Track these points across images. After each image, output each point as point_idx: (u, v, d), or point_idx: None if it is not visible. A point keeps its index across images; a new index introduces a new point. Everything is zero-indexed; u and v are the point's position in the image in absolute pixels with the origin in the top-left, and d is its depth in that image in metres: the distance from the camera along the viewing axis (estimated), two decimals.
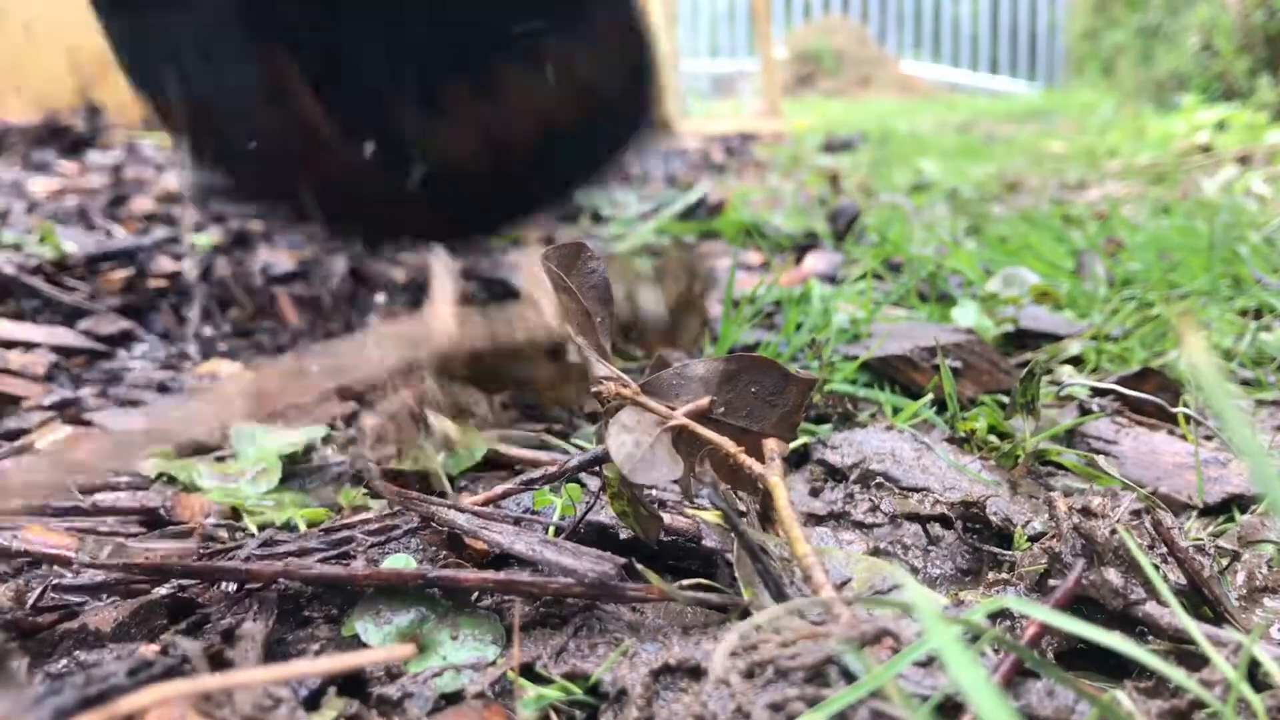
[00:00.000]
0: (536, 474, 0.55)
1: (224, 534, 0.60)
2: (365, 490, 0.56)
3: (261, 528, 0.61)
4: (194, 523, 0.60)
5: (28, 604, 0.47)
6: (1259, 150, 2.41)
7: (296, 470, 0.71)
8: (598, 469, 0.53)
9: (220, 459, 0.69)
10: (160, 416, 0.42)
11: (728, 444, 0.49)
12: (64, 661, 0.42)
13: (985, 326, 1.00)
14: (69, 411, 0.79)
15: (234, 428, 0.74)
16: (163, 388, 0.87)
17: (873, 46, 8.22)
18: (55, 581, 0.48)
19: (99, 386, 0.86)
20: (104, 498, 0.63)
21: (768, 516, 0.54)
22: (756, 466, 0.48)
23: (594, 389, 0.51)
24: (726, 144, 3.95)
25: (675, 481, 0.50)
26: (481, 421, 0.60)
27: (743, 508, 0.55)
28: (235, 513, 0.63)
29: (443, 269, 0.68)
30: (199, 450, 0.70)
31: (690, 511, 0.57)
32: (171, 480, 0.66)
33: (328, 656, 0.44)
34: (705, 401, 0.51)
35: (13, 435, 0.75)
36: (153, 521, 0.61)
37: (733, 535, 0.50)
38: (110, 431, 0.41)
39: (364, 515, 0.57)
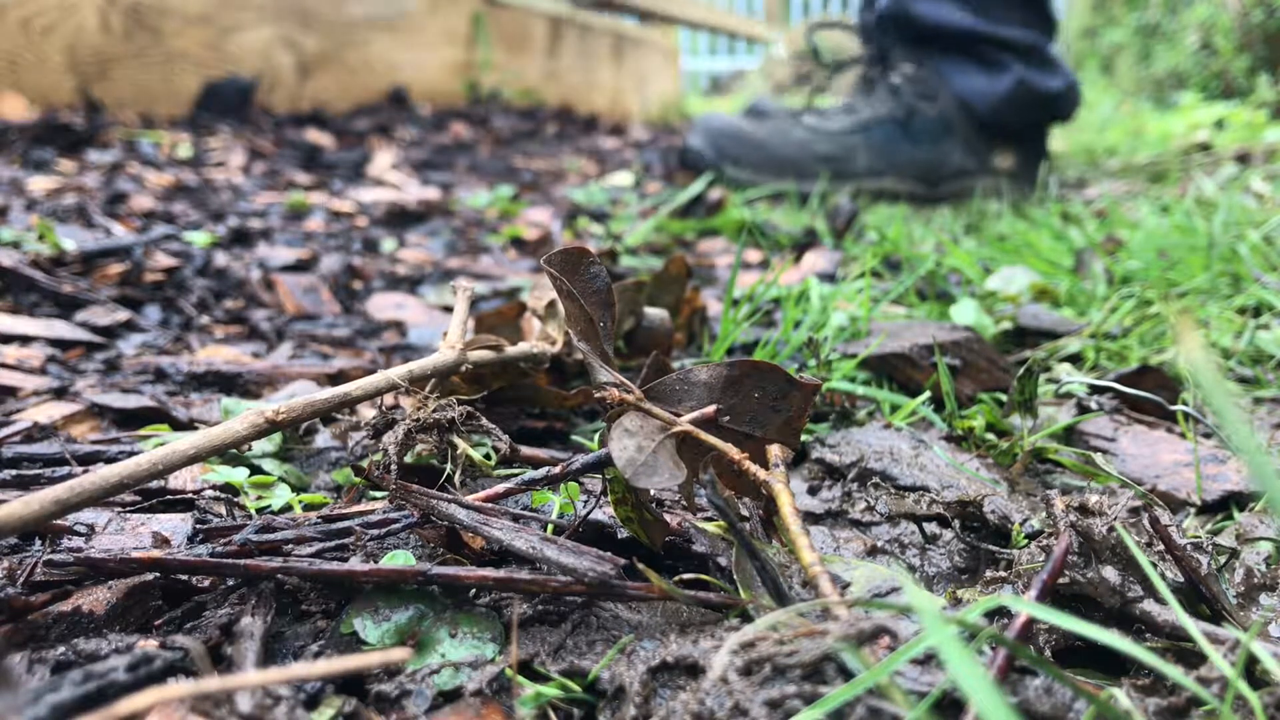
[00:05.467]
0: (538, 474, 0.55)
1: (221, 509, 0.60)
2: (364, 481, 0.56)
3: (259, 511, 0.61)
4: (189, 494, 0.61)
5: (19, 581, 0.47)
6: (1258, 148, 2.41)
7: (294, 453, 0.71)
8: (600, 472, 0.53)
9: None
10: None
11: (731, 450, 0.49)
12: (61, 649, 0.42)
13: (984, 324, 1.00)
14: (65, 397, 0.79)
15: (224, 402, 0.74)
16: (160, 373, 0.87)
17: None
18: (48, 557, 0.48)
19: (96, 376, 0.86)
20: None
21: (771, 522, 0.54)
22: (760, 472, 0.48)
23: (597, 394, 0.51)
24: None
25: (678, 488, 0.50)
26: (495, 450, 0.61)
27: (745, 513, 0.55)
28: (232, 485, 0.63)
29: (463, 294, 0.69)
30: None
31: (687, 517, 0.57)
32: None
33: (326, 660, 0.44)
34: (711, 410, 0.51)
35: (7, 414, 0.75)
36: (147, 491, 0.61)
37: (729, 538, 0.50)
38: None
39: (363, 508, 0.57)
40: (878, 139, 2.15)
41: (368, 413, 0.80)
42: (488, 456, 0.67)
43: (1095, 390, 0.81)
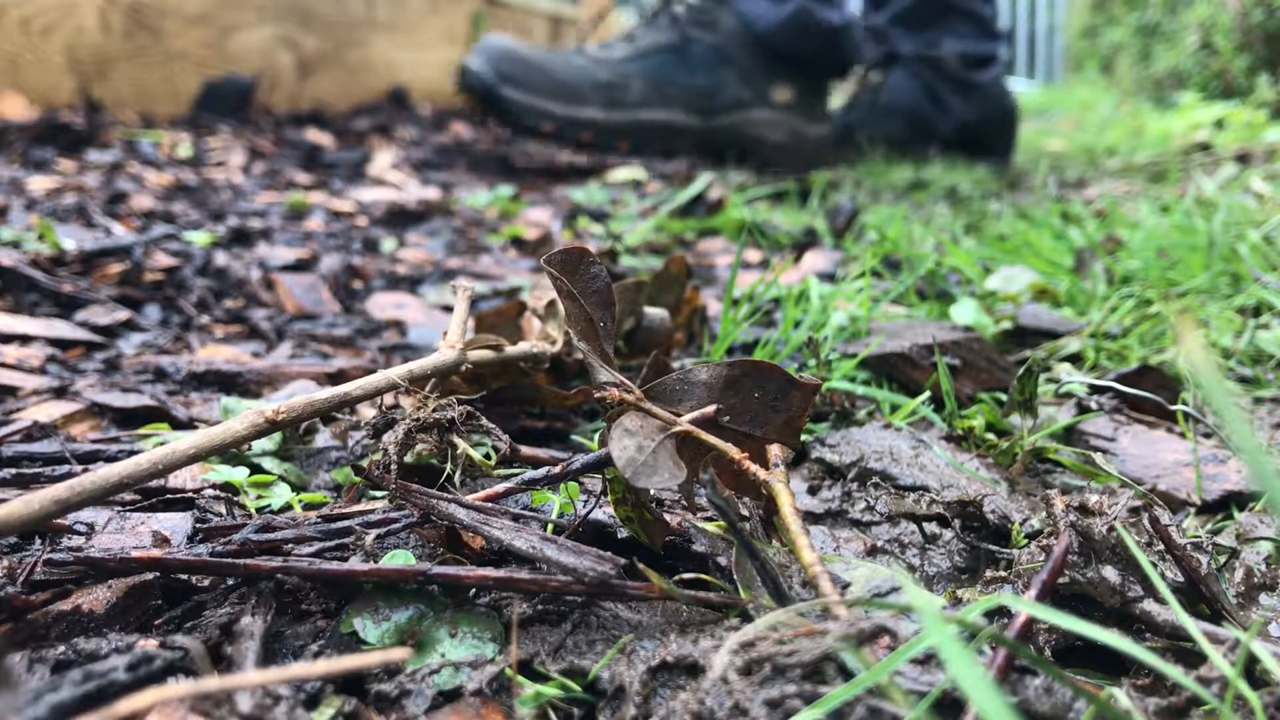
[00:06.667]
0: (538, 474, 0.55)
1: (221, 508, 0.60)
2: (364, 481, 0.56)
3: (259, 510, 0.61)
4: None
5: (19, 580, 0.47)
6: (1258, 148, 2.41)
7: (294, 452, 0.71)
8: (600, 472, 0.53)
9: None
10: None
11: (731, 449, 0.49)
12: (61, 648, 0.43)
13: (984, 324, 1.00)
14: (65, 396, 0.79)
15: (224, 401, 0.74)
16: (160, 373, 0.87)
17: None
18: (48, 556, 0.48)
19: (96, 376, 0.86)
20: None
21: (771, 522, 0.54)
22: (760, 472, 0.48)
23: (597, 394, 0.51)
24: None
25: (678, 488, 0.50)
26: (495, 450, 0.61)
27: (745, 513, 0.55)
28: (232, 484, 0.63)
29: (463, 294, 0.69)
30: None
31: (687, 517, 0.57)
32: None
33: (326, 660, 0.44)
34: (711, 409, 0.51)
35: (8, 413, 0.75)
36: (147, 490, 0.61)
37: (729, 538, 0.50)
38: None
39: (363, 507, 0.57)
40: (653, 67, 2.20)
41: (368, 412, 0.80)
42: (488, 456, 0.67)
43: (1095, 390, 0.81)
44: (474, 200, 1.96)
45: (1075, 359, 0.97)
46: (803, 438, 0.73)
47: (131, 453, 0.66)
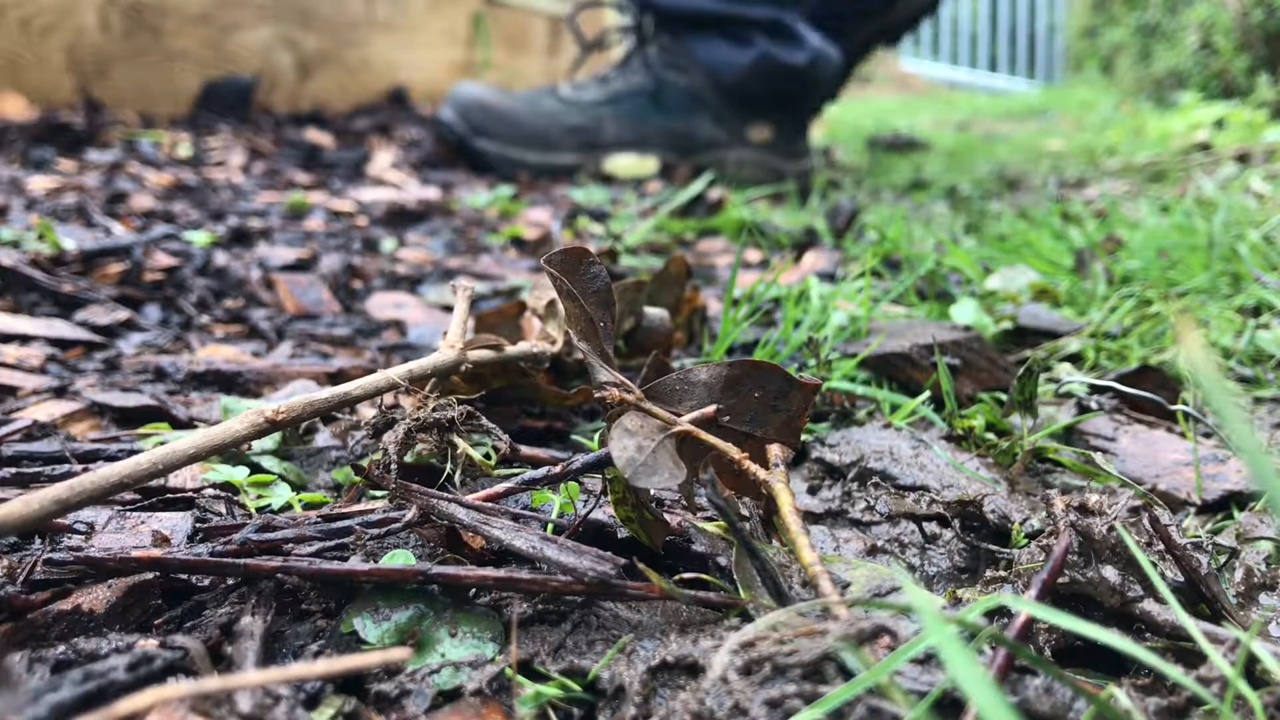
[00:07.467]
0: (538, 474, 0.55)
1: (221, 508, 0.60)
2: (364, 480, 0.56)
3: (259, 510, 0.61)
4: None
5: (19, 579, 0.47)
6: (1258, 148, 2.42)
7: (294, 451, 0.71)
8: (600, 472, 0.53)
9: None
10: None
11: (731, 449, 0.49)
12: (61, 648, 0.43)
13: (984, 324, 1.00)
14: (65, 396, 0.79)
15: (224, 400, 0.74)
16: (160, 372, 0.87)
17: None
18: (47, 556, 0.48)
19: (96, 375, 0.86)
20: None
21: (771, 522, 0.54)
22: (760, 472, 0.48)
23: (597, 394, 0.51)
24: None
25: (678, 488, 0.50)
26: (495, 450, 0.61)
27: (745, 512, 0.55)
28: (232, 484, 0.63)
29: (463, 293, 0.69)
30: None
31: (687, 517, 0.57)
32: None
33: (326, 659, 0.44)
34: (710, 409, 0.51)
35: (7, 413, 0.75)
36: (147, 490, 0.61)
37: (729, 538, 0.50)
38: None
39: (363, 507, 0.57)
40: (627, 110, 2.22)
41: (368, 412, 0.80)
42: (488, 456, 0.67)
43: (1095, 390, 0.81)
44: (474, 200, 1.96)
45: (1075, 359, 0.97)
46: (803, 438, 0.73)
47: (131, 452, 0.66)
